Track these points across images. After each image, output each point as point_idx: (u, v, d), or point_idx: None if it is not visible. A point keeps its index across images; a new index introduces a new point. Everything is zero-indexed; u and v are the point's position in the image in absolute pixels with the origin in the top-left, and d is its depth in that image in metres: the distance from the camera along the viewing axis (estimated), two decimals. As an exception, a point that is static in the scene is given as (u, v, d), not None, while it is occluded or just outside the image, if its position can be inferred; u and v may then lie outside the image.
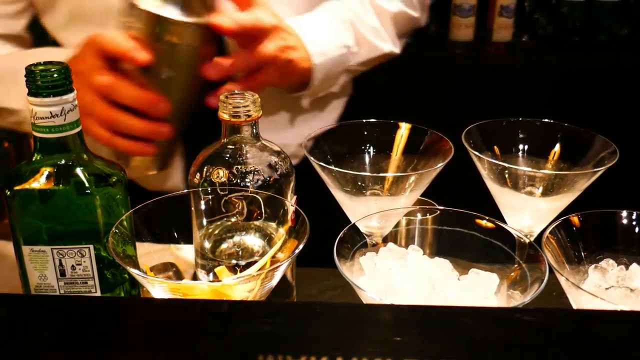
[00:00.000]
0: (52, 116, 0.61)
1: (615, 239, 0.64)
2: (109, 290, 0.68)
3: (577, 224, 0.63)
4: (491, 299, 0.58)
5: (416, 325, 0.44)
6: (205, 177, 0.70)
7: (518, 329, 0.44)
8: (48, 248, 0.64)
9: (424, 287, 0.57)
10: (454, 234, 0.63)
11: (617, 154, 0.73)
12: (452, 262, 0.60)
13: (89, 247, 0.65)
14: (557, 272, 0.56)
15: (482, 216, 0.62)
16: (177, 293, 0.56)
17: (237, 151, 0.70)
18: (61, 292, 0.66)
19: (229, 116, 0.69)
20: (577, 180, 0.71)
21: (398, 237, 0.68)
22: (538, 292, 0.53)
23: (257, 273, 0.58)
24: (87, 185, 0.64)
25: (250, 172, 0.69)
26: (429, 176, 0.71)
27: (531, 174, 0.73)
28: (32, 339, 0.42)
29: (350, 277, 0.56)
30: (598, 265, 0.62)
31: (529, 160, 0.81)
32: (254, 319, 0.45)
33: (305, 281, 0.83)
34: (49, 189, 0.63)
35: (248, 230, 0.71)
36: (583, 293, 0.54)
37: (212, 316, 0.45)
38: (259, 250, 0.70)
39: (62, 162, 0.64)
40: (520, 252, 0.59)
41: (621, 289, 0.58)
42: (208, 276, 0.70)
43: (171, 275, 0.76)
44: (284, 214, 0.67)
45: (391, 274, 0.58)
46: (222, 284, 0.57)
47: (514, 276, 0.59)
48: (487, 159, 0.73)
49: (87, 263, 0.65)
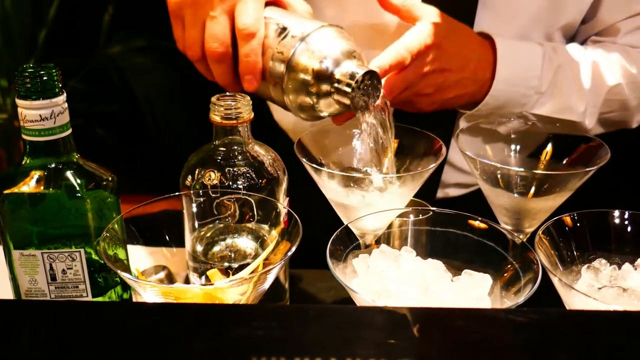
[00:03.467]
0: (41, 119, 0.60)
1: (608, 239, 0.64)
2: (101, 294, 0.67)
3: (570, 224, 0.63)
4: (484, 300, 0.57)
5: (410, 327, 0.44)
6: (197, 180, 0.69)
7: (512, 330, 0.44)
8: (38, 252, 0.64)
9: (417, 289, 0.57)
10: (446, 235, 0.63)
11: (608, 154, 0.73)
12: (445, 263, 0.60)
13: (80, 251, 0.64)
14: (550, 273, 0.56)
15: (475, 217, 0.62)
16: (168, 297, 0.55)
17: (228, 153, 0.70)
18: (52, 297, 0.66)
19: (220, 118, 0.69)
20: (570, 180, 0.71)
21: (391, 239, 0.68)
22: (531, 293, 0.53)
23: (249, 276, 0.58)
24: (78, 189, 0.64)
25: (242, 174, 0.69)
26: (421, 177, 0.71)
27: (523, 174, 0.73)
28: (23, 344, 0.41)
29: (343, 279, 0.56)
30: (591, 265, 0.62)
31: (521, 161, 0.81)
32: (247, 323, 0.45)
33: (299, 283, 0.83)
34: (39, 193, 0.63)
35: (240, 233, 0.70)
36: (576, 293, 0.54)
37: (204, 320, 0.45)
38: (252, 252, 0.70)
39: (52, 166, 0.63)
40: (513, 253, 0.59)
41: (614, 289, 0.58)
42: (200, 279, 0.70)
43: (163, 279, 0.76)
44: (276, 216, 0.67)
45: (384, 275, 0.58)
46: (214, 287, 0.57)
47: (507, 277, 0.59)
48: (480, 160, 0.73)
49: (77, 267, 0.65)
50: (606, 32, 0.94)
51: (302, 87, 0.71)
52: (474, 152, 0.75)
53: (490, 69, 0.84)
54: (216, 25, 0.72)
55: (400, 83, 0.78)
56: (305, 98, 0.72)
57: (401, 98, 0.81)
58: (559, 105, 0.88)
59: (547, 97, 0.87)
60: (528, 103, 0.87)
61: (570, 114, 0.88)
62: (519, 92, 0.86)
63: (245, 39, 0.71)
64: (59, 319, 0.44)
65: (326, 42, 0.71)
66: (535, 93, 0.87)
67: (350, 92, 0.69)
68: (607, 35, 0.94)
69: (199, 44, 0.74)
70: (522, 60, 0.86)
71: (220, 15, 0.72)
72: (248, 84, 0.73)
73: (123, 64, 2.35)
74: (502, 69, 0.84)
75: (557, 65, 0.87)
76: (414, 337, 0.42)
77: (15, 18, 2.21)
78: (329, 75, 0.70)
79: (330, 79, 0.70)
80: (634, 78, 0.90)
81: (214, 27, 0.72)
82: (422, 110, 0.85)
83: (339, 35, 0.72)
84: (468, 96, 0.85)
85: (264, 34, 0.72)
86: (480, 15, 0.88)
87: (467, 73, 0.83)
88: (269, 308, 0.50)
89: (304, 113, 0.75)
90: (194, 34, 0.75)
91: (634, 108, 0.92)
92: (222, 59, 0.73)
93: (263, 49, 0.72)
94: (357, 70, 0.69)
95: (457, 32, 0.82)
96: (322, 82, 0.70)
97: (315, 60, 0.70)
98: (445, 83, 0.82)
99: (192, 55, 0.76)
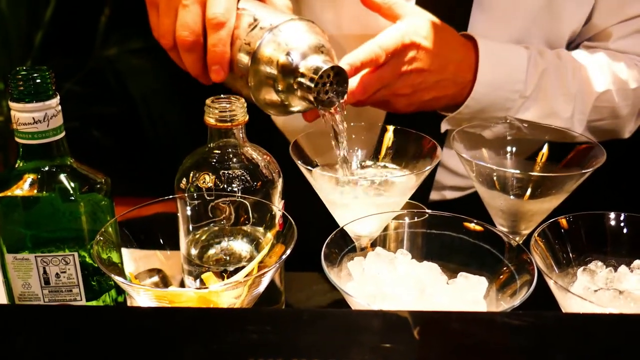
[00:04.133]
0: (34, 122, 0.60)
1: (604, 241, 0.64)
2: (95, 298, 0.67)
3: (566, 226, 0.63)
4: (480, 303, 0.57)
5: (406, 331, 0.44)
6: (191, 182, 0.69)
7: (508, 334, 0.44)
8: (32, 256, 0.64)
9: (413, 292, 0.57)
10: (442, 237, 0.63)
11: (604, 155, 0.73)
12: (440, 265, 0.60)
13: (74, 254, 0.64)
14: (546, 275, 0.55)
15: (470, 219, 0.61)
16: (163, 300, 0.55)
17: (223, 156, 0.69)
18: (45, 301, 0.65)
19: (215, 121, 0.68)
20: (566, 182, 0.71)
21: (386, 241, 0.67)
22: (527, 296, 0.53)
23: (243, 279, 0.58)
24: (72, 192, 0.63)
25: (236, 177, 0.68)
26: (417, 179, 0.71)
27: (519, 176, 0.73)
28: (16, 350, 0.41)
29: (339, 282, 0.55)
30: (587, 267, 0.62)
31: (517, 163, 0.81)
32: (241, 327, 0.44)
33: (294, 286, 0.83)
34: (33, 196, 0.63)
35: (235, 236, 0.70)
36: (572, 296, 0.53)
37: (199, 325, 0.45)
38: (247, 255, 0.69)
39: (45, 169, 0.63)
40: (508, 255, 0.59)
41: (610, 291, 0.58)
42: (195, 282, 0.70)
43: (158, 282, 0.76)
44: (272, 218, 0.67)
45: (379, 278, 0.58)
46: (208, 291, 0.56)
47: (502, 279, 0.59)
48: (475, 162, 0.72)
49: (71, 271, 0.64)
50: (598, 37, 0.93)
51: (267, 81, 0.70)
52: (469, 154, 0.75)
53: (472, 71, 0.82)
54: (188, 13, 0.71)
55: (375, 82, 0.76)
56: (271, 92, 0.71)
57: (377, 98, 0.79)
58: (544, 110, 0.86)
59: (531, 101, 0.85)
60: (512, 107, 0.85)
61: (555, 119, 0.85)
62: (502, 95, 0.83)
63: (214, 29, 0.70)
64: (53, 324, 0.44)
65: (294, 34, 0.69)
66: (520, 97, 0.84)
67: (313, 88, 0.68)
68: (599, 40, 0.93)
69: (171, 33, 0.73)
70: (505, 63, 0.84)
71: (192, 4, 0.71)
72: (215, 75, 0.72)
73: (119, 65, 2.35)
74: (484, 71, 0.82)
75: (543, 69, 0.85)
76: (409, 341, 0.42)
77: (11, 19, 2.20)
78: (293, 69, 0.68)
79: (294, 72, 0.68)
80: (625, 85, 0.88)
81: (185, 15, 0.71)
82: (399, 111, 0.83)
83: (308, 29, 0.71)
84: (448, 98, 0.83)
85: (233, 24, 0.71)
86: (475, 17, 0.87)
87: (446, 74, 0.81)
88: (264, 312, 0.50)
89: (271, 108, 0.73)
90: (167, 22, 0.74)
91: (625, 116, 0.90)
92: (193, 48, 0.72)
93: (232, 40, 0.71)
94: (322, 65, 0.68)
95: (437, 32, 0.80)
96: (287, 76, 0.69)
97: (280, 53, 0.69)
98: (424, 84, 0.80)
99: (165, 44, 0.75)
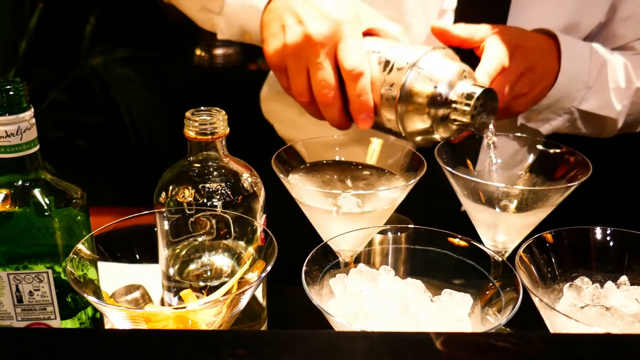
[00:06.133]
0: (7, 135, 0.58)
1: (590, 256, 0.63)
2: (70, 316, 0.65)
3: (551, 241, 0.62)
4: (465, 320, 0.56)
5: (389, 352, 0.43)
6: (171, 197, 0.67)
7: (492, 355, 0.43)
8: (4, 273, 0.62)
9: (396, 310, 0.55)
10: (426, 253, 0.61)
11: (590, 168, 0.72)
12: (424, 282, 0.59)
13: (48, 272, 0.62)
14: (531, 293, 0.54)
15: (455, 235, 0.60)
16: (138, 320, 0.53)
17: (203, 170, 0.68)
18: (18, 319, 0.63)
19: (195, 133, 0.67)
20: (551, 196, 0.70)
21: (370, 257, 0.66)
22: (513, 314, 0.51)
23: (223, 298, 0.56)
24: (46, 207, 0.61)
25: (217, 191, 0.67)
26: (402, 192, 0.70)
27: (505, 190, 0.72)
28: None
29: (319, 300, 0.54)
30: (573, 283, 0.60)
31: (503, 176, 0.80)
32: (218, 349, 0.43)
33: (277, 301, 0.81)
34: (6, 212, 0.61)
35: (216, 250, 0.68)
36: (557, 314, 0.52)
37: (175, 348, 0.43)
38: (228, 270, 0.68)
39: (19, 183, 0.61)
40: (494, 272, 0.58)
41: (596, 308, 0.57)
42: (174, 298, 0.68)
43: (138, 298, 0.74)
44: (253, 233, 0.65)
45: (362, 296, 0.57)
46: (186, 310, 0.55)
47: (487, 296, 0.57)
48: (461, 175, 0.71)
49: (45, 288, 0.62)
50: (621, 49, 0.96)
51: (417, 114, 0.73)
52: (454, 168, 0.74)
53: (557, 62, 0.85)
54: (322, 71, 0.75)
55: (505, 86, 0.79)
56: (422, 124, 0.74)
57: (501, 105, 0.80)
58: (602, 101, 0.89)
59: (592, 92, 0.89)
60: (577, 97, 0.88)
61: (610, 111, 0.90)
62: (574, 86, 0.87)
63: (355, 79, 0.74)
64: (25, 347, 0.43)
65: (435, 66, 0.73)
66: (584, 87, 0.88)
67: (468, 111, 0.71)
68: None
69: (307, 91, 0.77)
70: (579, 54, 0.87)
71: (324, 61, 0.75)
72: (362, 123, 0.76)
73: (105, 75, 2.33)
74: (565, 62, 0.85)
75: (602, 62, 0.88)
76: (391, 363, 0.41)
77: (-5, 29, 2.18)
78: (444, 100, 0.72)
79: (446, 103, 0.72)
80: None
81: (320, 73, 0.75)
82: (518, 113, 0.86)
83: (445, 56, 0.74)
84: (547, 89, 0.86)
85: (369, 71, 0.75)
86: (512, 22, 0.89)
87: (547, 66, 0.85)
88: (241, 334, 0.49)
89: (420, 138, 0.76)
90: (300, 82, 0.77)
91: None
92: (333, 102, 0.76)
93: (370, 85, 0.75)
94: (474, 90, 0.71)
95: (522, 31, 0.84)
96: (439, 107, 0.72)
97: (428, 87, 0.72)
98: (535, 79, 0.83)
99: (302, 103, 0.79)
